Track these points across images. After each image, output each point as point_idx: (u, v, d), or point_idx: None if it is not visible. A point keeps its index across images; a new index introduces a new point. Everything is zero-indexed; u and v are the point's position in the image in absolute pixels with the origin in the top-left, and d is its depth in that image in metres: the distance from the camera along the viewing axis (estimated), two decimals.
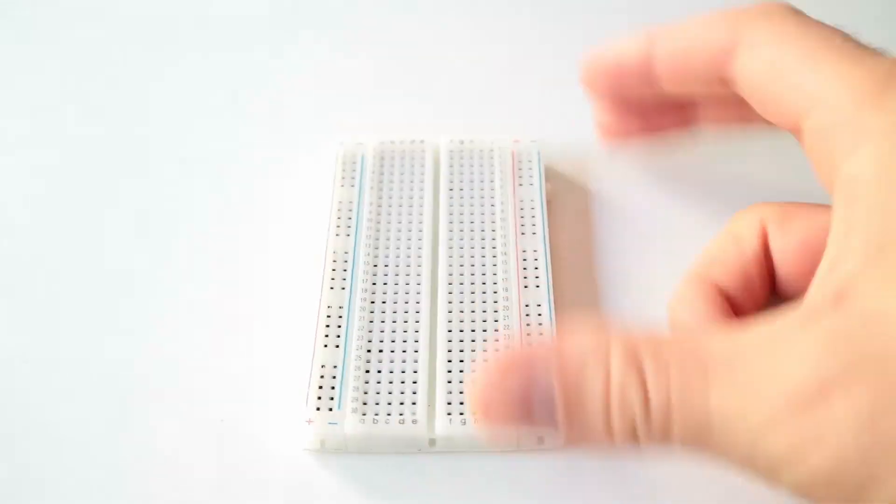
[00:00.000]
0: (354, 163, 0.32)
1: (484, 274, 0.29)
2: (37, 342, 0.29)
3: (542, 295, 0.28)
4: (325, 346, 0.27)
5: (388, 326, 0.28)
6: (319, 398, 0.26)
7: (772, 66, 0.22)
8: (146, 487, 0.26)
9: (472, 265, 0.29)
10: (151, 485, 0.26)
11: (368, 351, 0.27)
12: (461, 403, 0.26)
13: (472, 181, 0.32)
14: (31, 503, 0.26)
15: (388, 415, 0.26)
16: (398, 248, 0.30)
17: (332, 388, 0.26)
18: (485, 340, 0.27)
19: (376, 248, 0.30)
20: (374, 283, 0.29)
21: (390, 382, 0.26)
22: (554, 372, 0.19)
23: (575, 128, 0.34)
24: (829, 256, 0.19)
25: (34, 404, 0.28)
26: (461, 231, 0.30)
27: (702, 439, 0.18)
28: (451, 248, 0.30)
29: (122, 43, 0.39)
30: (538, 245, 0.30)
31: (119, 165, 0.34)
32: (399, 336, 0.27)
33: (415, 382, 0.26)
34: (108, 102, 0.37)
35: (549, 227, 0.31)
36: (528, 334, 0.27)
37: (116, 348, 0.29)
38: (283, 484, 0.26)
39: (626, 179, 0.34)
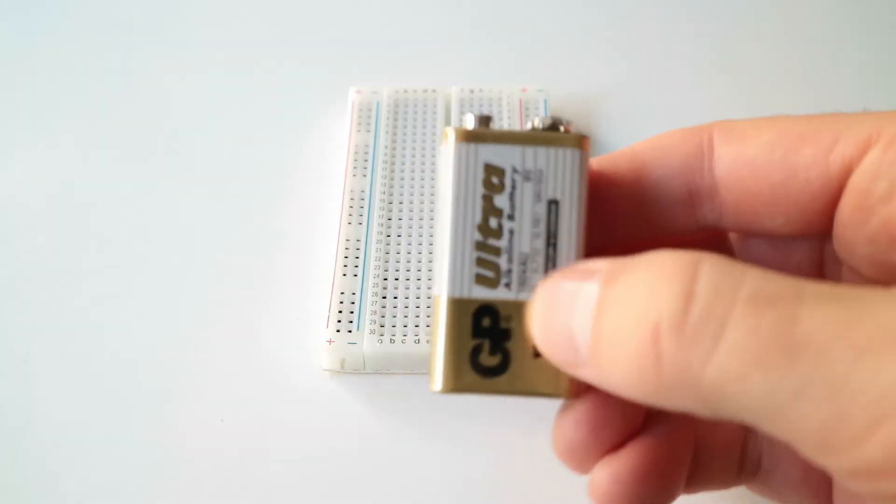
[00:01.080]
0: (370, 110, 0.34)
1: None
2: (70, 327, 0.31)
3: None
4: (344, 274, 0.29)
5: (402, 257, 0.29)
6: (339, 321, 0.28)
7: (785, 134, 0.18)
8: (177, 400, 0.27)
9: None
10: (181, 401, 0.27)
11: (385, 279, 0.29)
12: None
13: None
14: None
15: (404, 335, 0.27)
16: (412, 186, 0.31)
17: (351, 312, 0.28)
18: None
19: (391, 187, 0.31)
20: (389, 219, 0.30)
21: (406, 307, 0.28)
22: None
23: (581, 78, 0.36)
24: None
25: (46, 396, 0.29)
26: None
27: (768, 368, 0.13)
28: None
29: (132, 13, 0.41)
30: None
31: (143, 128, 0.36)
32: (413, 265, 0.29)
33: (429, 307, 0.28)
34: (123, 78, 0.38)
35: None
36: None
37: (156, 285, 0.30)
38: (306, 402, 0.27)
39: (629, 126, 0.35)
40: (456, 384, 0.17)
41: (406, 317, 0.28)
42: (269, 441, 0.26)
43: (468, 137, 0.17)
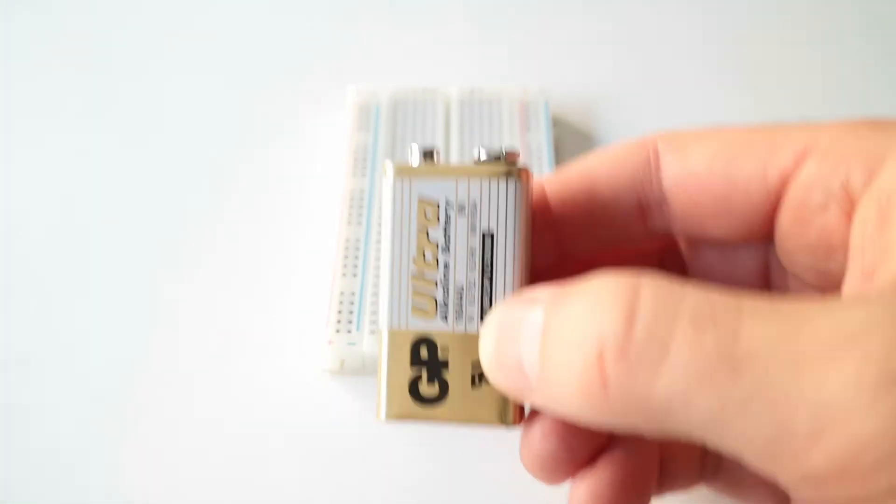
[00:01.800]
0: (369, 110, 0.34)
1: None
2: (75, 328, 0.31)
3: None
4: (344, 275, 0.29)
5: None
6: (339, 321, 0.28)
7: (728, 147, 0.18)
8: (176, 403, 0.27)
9: None
10: (181, 401, 0.27)
11: None
12: None
13: (481, 127, 0.33)
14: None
15: None
16: None
17: (351, 312, 0.28)
18: None
19: None
20: None
21: None
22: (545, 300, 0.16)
23: (581, 78, 0.36)
24: (862, 261, 0.16)
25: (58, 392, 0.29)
26: None
27: (710, 387, 0.13)
28: None
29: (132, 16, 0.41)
30: None
31: (145, 132, 0.36)
32: None
33: None
34: (122, 79, 0.38)
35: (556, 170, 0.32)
36: None
37: (155, 286, 0.30)
38: (306, 402, 0.27)
39: (630, 126, 0.35)
40: (397, 412, 0.18)
41: None
42: (269, 441, 0.26)
43: (403, 172, 0.18)
